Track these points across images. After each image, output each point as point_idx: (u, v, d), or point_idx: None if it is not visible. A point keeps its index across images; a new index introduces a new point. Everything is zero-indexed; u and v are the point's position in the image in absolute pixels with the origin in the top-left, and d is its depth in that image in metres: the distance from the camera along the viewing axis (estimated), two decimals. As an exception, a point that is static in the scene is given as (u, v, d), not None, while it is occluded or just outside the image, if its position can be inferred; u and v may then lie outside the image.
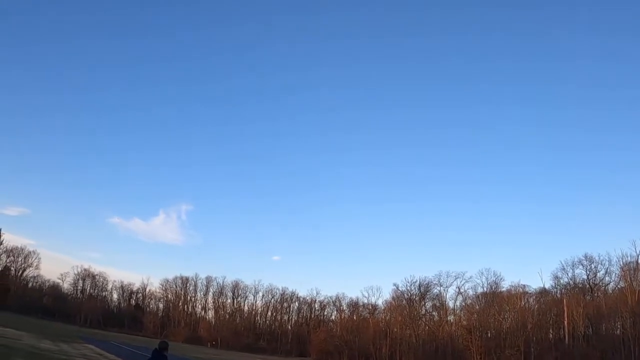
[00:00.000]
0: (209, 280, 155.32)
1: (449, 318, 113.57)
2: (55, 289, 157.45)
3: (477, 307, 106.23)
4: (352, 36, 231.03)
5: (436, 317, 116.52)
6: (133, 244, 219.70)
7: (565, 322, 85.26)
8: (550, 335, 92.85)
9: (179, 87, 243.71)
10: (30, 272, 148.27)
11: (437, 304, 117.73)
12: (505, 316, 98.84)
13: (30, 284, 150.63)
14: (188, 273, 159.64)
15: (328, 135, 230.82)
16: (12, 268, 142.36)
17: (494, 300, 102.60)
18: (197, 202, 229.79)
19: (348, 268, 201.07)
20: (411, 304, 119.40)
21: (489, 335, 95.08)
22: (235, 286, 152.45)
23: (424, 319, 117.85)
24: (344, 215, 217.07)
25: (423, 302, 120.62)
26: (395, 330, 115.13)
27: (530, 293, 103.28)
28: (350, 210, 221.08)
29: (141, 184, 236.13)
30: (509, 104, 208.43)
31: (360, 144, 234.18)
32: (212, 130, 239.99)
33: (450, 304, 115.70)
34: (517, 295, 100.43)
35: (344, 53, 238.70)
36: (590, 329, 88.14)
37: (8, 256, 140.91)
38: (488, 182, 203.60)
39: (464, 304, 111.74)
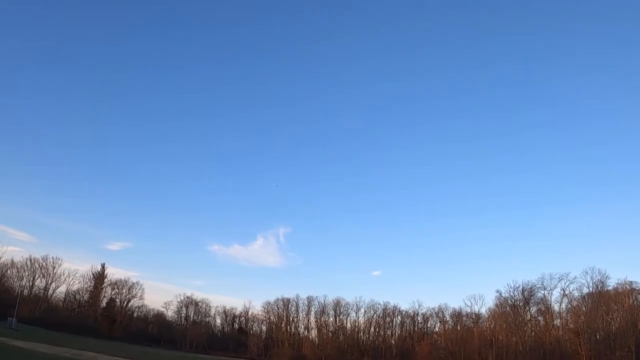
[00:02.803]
0: (310, 300, 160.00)
1: (555, 322, 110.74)
2: (159, 317, 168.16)
3: (584, 308, 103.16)
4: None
5: (542, 322, 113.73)
6: (234, 270, 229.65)
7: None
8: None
9: (264, 109, 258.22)
10: (134, 303, 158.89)
11: (542, 308, 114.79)
12: (614, 316, 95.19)
13: (135, 314, 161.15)
14: (289, 294, 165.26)
15: (420, 149, 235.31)
16: (117, 300, 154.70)
17: (601, 300, 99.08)
18: (295, 224, 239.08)
19: (449, 278, 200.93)
20: (515, 310, 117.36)
21: (597, 337, 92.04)
22: (337, 304, 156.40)
23: (529, 325, 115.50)
24: (443, 225, 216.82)
25: (527, 308, 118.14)
26: (501, 338, 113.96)
27: (638, 290, 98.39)
28: (449, 220, 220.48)
29: (238, 210, 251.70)
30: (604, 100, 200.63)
31: (452, 155, 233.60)
32: (305, 153, 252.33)
33: (556, 307, 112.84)
34: (625, 292, 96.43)
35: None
36: None
37: (113, 289, 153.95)
38: (589, 183, 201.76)
39: (569, 307, 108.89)
